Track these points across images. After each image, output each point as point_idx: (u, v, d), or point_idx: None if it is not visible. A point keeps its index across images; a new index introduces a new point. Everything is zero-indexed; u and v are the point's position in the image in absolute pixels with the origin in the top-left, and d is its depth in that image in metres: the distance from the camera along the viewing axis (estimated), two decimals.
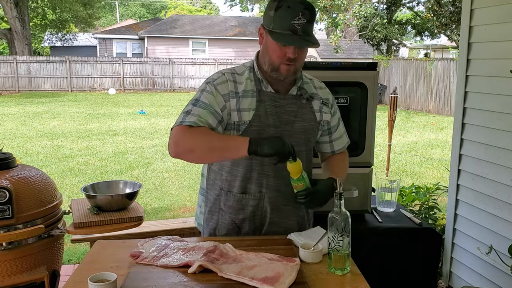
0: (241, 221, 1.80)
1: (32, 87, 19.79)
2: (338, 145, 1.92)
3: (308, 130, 1.78)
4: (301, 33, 1.59)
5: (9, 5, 20.57)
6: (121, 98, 17.83)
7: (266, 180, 1.75)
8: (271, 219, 1.79)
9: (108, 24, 38.25)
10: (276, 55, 1.64)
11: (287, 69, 1.66)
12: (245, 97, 1.71)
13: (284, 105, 1.74)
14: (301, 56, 1.67)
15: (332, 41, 17.75)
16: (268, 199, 1.77)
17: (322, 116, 1.82)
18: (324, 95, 1.84)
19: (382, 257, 2.58)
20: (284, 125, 1.73)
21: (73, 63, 20.17)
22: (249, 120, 1.70)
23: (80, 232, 2.49)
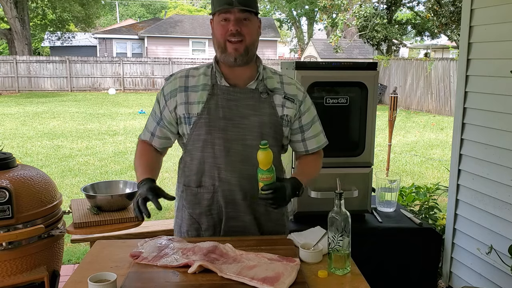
0: (198, 216, 1.82)
1: (32, 87, 19.78)
2: (312, 144, 1.88)
3: (265, 124, 1.74)
4: (237, 4, 1.62)
5: (9, 5, 20.56)
6: (121, 98, 17.82)
7: (218, 173, 1.75)
8: (227, 214, 1.79)
9: (108, 24, 38.25)
10: (219, 33, 1.68)
11: (234, 48, 1.67)
12: (195, 91, 1.75)
13: (240, 99, 1.74)
14: (248, 31, 1.67)
15: (332, 41, 17.75)
16: (221, 192, 1.77)
17: (283, 110, 1.77)
18: (290, 91, 1.80)
19: (382, 257, 2.58)
20: (239, 119, 1.73)
21: (73, 63, 20.17)
22: (198, 112, 1.73)
23: (80, 232, 2.49)
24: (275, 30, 27.47)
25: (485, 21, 2.73)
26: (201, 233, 1.84)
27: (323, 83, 2.48)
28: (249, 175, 1.74)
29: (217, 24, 1.69)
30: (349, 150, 2.56)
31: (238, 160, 1.74)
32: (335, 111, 2.50)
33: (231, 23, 1.65)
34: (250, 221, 1.81)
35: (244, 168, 1.74)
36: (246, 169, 1.74)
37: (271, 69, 1.85)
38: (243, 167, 1.74)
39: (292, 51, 35.56)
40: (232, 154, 1.73)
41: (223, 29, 1.67)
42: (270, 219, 1.85)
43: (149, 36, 25.16)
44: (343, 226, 1.49)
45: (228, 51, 1.68)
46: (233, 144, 1.73)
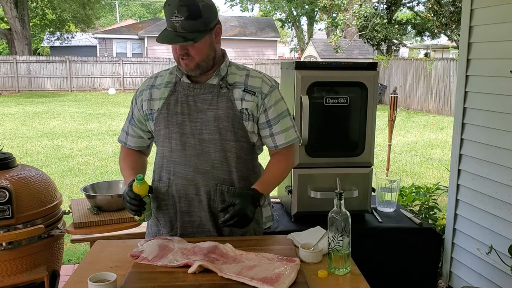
0: (157, 210, 1.85)
1: (32, 87, 19.78)
2: (281, 139, 1.81)
3: (221, 118, 1.73)
4: (180, 30, 1.62)
5: (9, 5, 20.56)
6: (121, 98, 17.82)
7: (174, 167, 1.78)
8: (180, 208, 1.80)
9: (108, 24, 38.25)
10: (172, 50, 1.72)
11: (185, 64, 1.70)
12: (158, 88, 1.81)
13: (198, 94, 1.76)
14: (195, 51, 1.67)
15: (332, 41, 17.75)
16: (175, 186, 1.79)
17: (242, 104, 1.75)
18: (254, 83, 1.78)
19: (382, 257, 2.58)
20: (196, 113, 1.75)
21: (73, 63, 20.17)
22: (158, 108, 1.78)
23: (80, 232, 2.49)
24: (275, 30, 27.49)
25: (485, 21, 2.73)
26: (160, 229, 1.86)
27: (323, 83, 2.48)
28: (204, 169, 1.76)
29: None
30: (349, 150, 2.56)
31: (194, 154, 1.76)
32: (335, 111, 2.50)
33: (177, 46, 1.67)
34: (206, 217, 1.80)
35: (199, 162, 1.76)
36: (201, 163, 1.76)
37: (238, 65, 1.85)
38: (198, 162, 1.76)
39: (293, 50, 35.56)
40: (188, 148, 1.76)
41: (173, 48, 1.70)
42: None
43: (149, 36, 25.15)
44: (343, 226, 1.49)
45: (181, 65, 1.72)
46: (189, 139, 1.75)
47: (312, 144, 2.49)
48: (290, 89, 2.52)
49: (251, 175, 1.85)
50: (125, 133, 1.92)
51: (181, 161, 1.77)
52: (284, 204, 2.78)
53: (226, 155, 1.76)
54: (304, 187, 2.51)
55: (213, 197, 1.77)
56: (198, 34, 1.63)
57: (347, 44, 19.62)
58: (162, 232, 1.86)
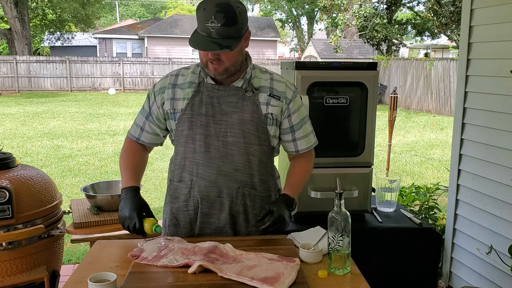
0: (177, 210, 1.85)
1: (32, 87, 19.78)
2: (303, 144, 1.86)
3: (246, 121, 1.73)
4: (215, 36, 1.59)
5: (9, 5, 20.56)
6: (121, 98, 17.82)
7: (197, 168, 1.77)
8: (202, 210, 1.80)
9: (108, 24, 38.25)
10: (202, 54, 1.69)
11: (214, 68, 1.68)
12: (182, 88, 1.79)
13: (223, 96, 1.75)
14: (226, 57, 1.66)
15: (331, 41, 17.75)
16: (197, 187, 1.78)
17: (268, 109, 1.76)
18: (279, 88, 1.79)
19: (382, 257, 2.58)
20: (220, 116, 1.74)
21: (73, 63, 20.17)
22: (182, 108, 1.76)
23: (80, 232, 2.49)
24: (275, 30, 27.49)
25: (485, 21, 2.73)
26: (179, 229, 1.86)
27: (323, 83, 2.48)
28: (227, 172, 1.75)
29: None
30: (349, 150, 2.56)
31: (217, 156, 1.75)
32: (335, 111, 2.50)
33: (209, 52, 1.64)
34: (225, 220, 1.80)
35: (222, 164, 1.75)
36: (224, 165, 1.75)
37: (262, 68, 1.85)
38: (221, 164, 1.75)
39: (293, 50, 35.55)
40: (212, 150, 1.75)
41: (203, 52, 1.67)
42: (248, 219, 1.83)
43: (149, 36, 25.16)
44: (343, 226, 1.49)
45: (209, 68, 1.70)
46: (213, 141, 1.74)
47: None
48: None
49: (270, 178, 1.86)
50: (140, 129, 1.88)
51: (204, 163, 1.76)
52: None
53: (249, 158, 1.77)
54: (304, 187, 2.51)
55: (235, 199, 1.78)
56: (233, 41, 1.62)
57: (347, 44, 19.62)
58: (180, 233, 1.85)
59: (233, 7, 1.60)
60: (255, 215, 1.80)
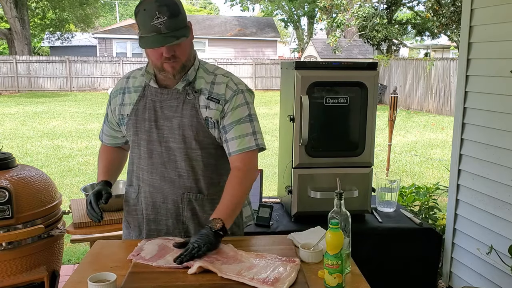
0: (127, 214, 1.86)
1: (32, 87, 19.78)
2: (234, 146, 1.69)
3: (185, 126, 1.68)
4: (165, 31, 1.54)
5: (8, 5, 20.56)
6: None
7: (142, 174, 1.78)
8: (147, 216, 1.79)
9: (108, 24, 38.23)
10: (154, 57, 1.62)
11: (172, 66, 1.63)
12: (129, 92, 1.77)
13: (165, 100, 1.71)
14: (181, 51, 1.62)
15: (330, 42, 17.75)
16: (143, 193, 1.78)
17: (206, 112, 1.68)
18: (218, 90, 1.70)
19: (382, 257, 2.58)
20: (162, 121, 1.71)
21: (73, 63, 20.16)
22: (128, 114, 1.76)
23: (80, 232, 2.49)
24: (275, 30, 27.48)
25: (485, 21, 2.73)
26: (130, 231, 1.87)
27: (323, 83, 2.48)
28: (170, 178, 1.73)
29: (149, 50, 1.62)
30: (349, 150, 2.56)
31: (160, 162, 1.73)
32: (335, 111, 2.50)
33: (163, 49, 1.58)
34: (173, 225, 1.77)
35: (165, 171, 1.73)
36: (167, 172, 1.73)
37: (210, 67, 1.77)
38: (164, 170, 1.73)
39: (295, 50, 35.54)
40: (154, 156, 1.73)
41: (156, 53, 1.60)
42: (199, 223, 1.76)
43: None
44: (343, 226, 1.49)
45: (166, 69, 1.63)
46: (156, 146, 1.73)
47: (312, 144, 2.49)
48: (290, 89, 2.52)
49: (222, 179, 1.75)
50: (101, 131, 1.94)
51: (148, 169, 1.75)
52: (284, 204, 2.78)
53: (192, 164, 1.72)
54: (304, 187, 2.51)
55: (181, 205, 1.75)
56: (185, 31, 1.58)
57: (347, 44, 19.62)
58: (132, 235, 1.87)
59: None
60: (207, 217, 1.71)
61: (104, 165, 1.89)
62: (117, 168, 1.94)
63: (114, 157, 1.94)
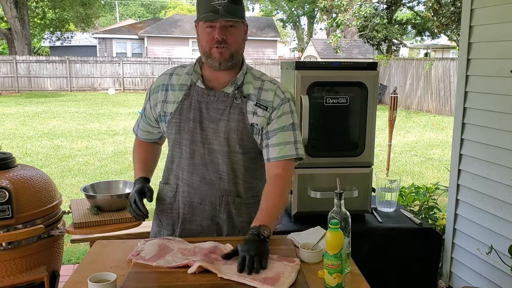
0: (161, 212, 1.86)
1: (32, 87, 19.78)
2: (275, 152, 1.69)
3: (231, 130, 1.69)
4: (222, 12, 1.59)
5: (8, 5, 20.56)
6: (121, 98, 17.82)
7: (182, 173, 1.77)
8: (183, 215, 1.80)
9: (108, 24, 38.25)
10: (205, 40, 1.66)
11: (220, 53, 1.64)
12: (173, 90, 1.76)
13: (212, 102, 1.71)
14: (233, 39, 1.65)
15: (331, 42, 17.74)
16: (181, 192, 1.78)
17: (253, 118, 1.70)
18: (266, 97, 1.71)
19: (382, 257, 2.58)
20: (207, 122, 1.72)
21: (73, 63, 20.17)
22: (171, 112, 1.75)
23: (80, 232, 2.49)
24: (275, 30, 27.48)
25: (485, 21, 2.73)
26: (162, 230, 1.87)
27: (323, 83, 2.47)
28: (210, 180, 1.74)
29: (202, 31, 1.66)
30: (349, 150, 2.55)
31: (202, 163, 1.73)
32: (335, 111, 2.50)
33: (216, 31, 1.62)
34: (208, 226, 1.78)
35: (206, 172, 1.74)
36: (208, 173, 1.74)
37: (256, 73, 1.79)
38: (205, 171, 1.74)
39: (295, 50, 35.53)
40: (196, 157, 1.74)
41: (208, 37, 1.64)
42: (234, 226, 1.79)
43: (149, 36, 25.16)
44: (343, 226, 1.49)
45: (213, 55, 1.65)
46: (199, 147, 1.73)
47: (312, 144, 2.49)
48: (290, 89, 2.52)
49: (259, 183, 1.80)
50: (137, 125, 1.93)
51: (188, 169, 1.75)
52: None
53: (234, 167, 1.74)
54: (304, 187, 2.51)
55: (218, 207, 1.76)
56: (240, 14, 1.64)
57: (347, 44, 19.61)
58: (163, 233, 1.86)
59: None
60: (241, 221, 1.78)
61: (141, 161, 1.90)
62: (153, 164, 1.96)
63: (150, 153, 1.94)
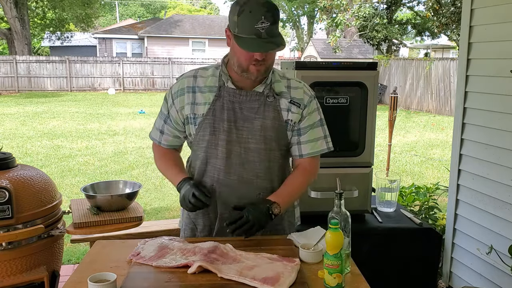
0: (195, 215, 1.83)
1: (32, 87, 19.78)
2: (308, 149, 1.80)
3: (268, 128, 1.73)
4: (265, 36, 1.57)
5: (8, 5, 20.56)
6: (121, 98, 17.82)
7: (218, 174, 1.76)
8: (221, 215, 1.79)
9: (108, 24, 38.25)
10: (243, 58, 1.64)
11: (257, 70, 1.66)
12: (202, 91, 1.75)
13: (244, 101, 1.73)
14: (270, 56, 1.66)
15: (330, 41, 17.75)
16: (218, 193, 1.78)
17: (288, 115, 1.75)
18: (297, 95, 1.78)
19: (382, 257, 2.58)
20: (242, 121, 1.72)
21: (73, 63, 20.17)
22: (203, 113, 1.73)
23: (80, 232, 2.49)
24: None
25: (485, 21, 2.73)
26: (196, 233, 1.86)
27: (323, 83, 2.47)
28: (248, 179, 1.75)
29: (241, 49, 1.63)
30: (349, 150, 2.55)
31: (238, 163, 1.74)
32: (335, 111, 2.50)
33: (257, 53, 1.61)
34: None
35: (244, 171, 1.74)
36: (245, 172, 1.74)
37: (279, 72, 1.83)
38: (242, 170, 1.74)
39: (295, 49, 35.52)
40: (233, 156, 1.74)
41: (248, 55, 1.63)
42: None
43: (149, 36, 25.16)
44: (343, 226, 1.49)
45: (250, 71, 1.66)
46: (235, 147, 1.73)
47: None
48: None
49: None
50: (159, 132, 1.85)
51: (225, 169, 1.75)
52: None
53: (270, 165, 1.77)
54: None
55: None
56: (281, 38, 1.62)
57: (347, 44, 19.61)
58: (198, 236, 1.85)
59: (274, 4, 1.61)
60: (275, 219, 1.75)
61: (175, 166, 1.84)
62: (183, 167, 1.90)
63: (178, 159, 1.89)
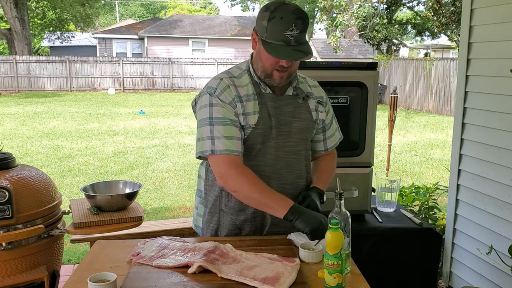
0: (242, 222, 1.79)
1: (32, 87, 19.78)
2: (331, 142, 1.92)
3: (304, 129, 1.78)
4: (294, 43, 1.58)
5: (9, 5, 20.57)
6: (120, 98, 17.82)
7: (268, 181, 1.71)
8: (272, 220, 1.78)
9: (108, 24, 38.25)
10: (269, 63, 1.65)
11: (281, 76, 1.67)
12: (248, 100, 1.70)
13: (281, 106, 1.74)
14: (295, 63, 1.67)
15: (331, 42, 17.75)
16: None
17: (318, 115, 1.82)
18: (318, 93, 1.85)
19: (382, 257, 2.58)
20: (283, 126, 1.73)
21: (73, 63, 20.17)
22: (254, 123, 1.69)
23: (80, 232, 2.49)
24: None
25: (485, 21, 2.73)
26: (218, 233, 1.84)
27: (323, 83, 2.45)
28: (291, 181, 1.77)
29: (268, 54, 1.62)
30: (349, 150, 2.55)
31: (283, 167, 1.75)
32: (335, 111, 2.47)
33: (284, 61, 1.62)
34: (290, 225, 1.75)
35: (288, 174, 1.76)
36: (290, 175, 1.77)
37: (298, 73, 1.84)
38: (287, 174, 1.76)
39: None
40: (279, 162, 1.75)
41: (273, 60, 1.63)
42: None
43: (149, 36, 25.15)
44: (343, 226, 1.49)
45: (274, 77, 1.67)
46: (280, 152, 1.74)
47: None
48: None
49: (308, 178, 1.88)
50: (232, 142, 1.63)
51: (273, 176, 1.75)
52: None
53: (307, 164, 1.83)
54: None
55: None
56: (308, 46, 1.63)
57: (347, 44, 19.62)
58: None
59: (305, 11, 1.61)
60: None
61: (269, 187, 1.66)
62: None
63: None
